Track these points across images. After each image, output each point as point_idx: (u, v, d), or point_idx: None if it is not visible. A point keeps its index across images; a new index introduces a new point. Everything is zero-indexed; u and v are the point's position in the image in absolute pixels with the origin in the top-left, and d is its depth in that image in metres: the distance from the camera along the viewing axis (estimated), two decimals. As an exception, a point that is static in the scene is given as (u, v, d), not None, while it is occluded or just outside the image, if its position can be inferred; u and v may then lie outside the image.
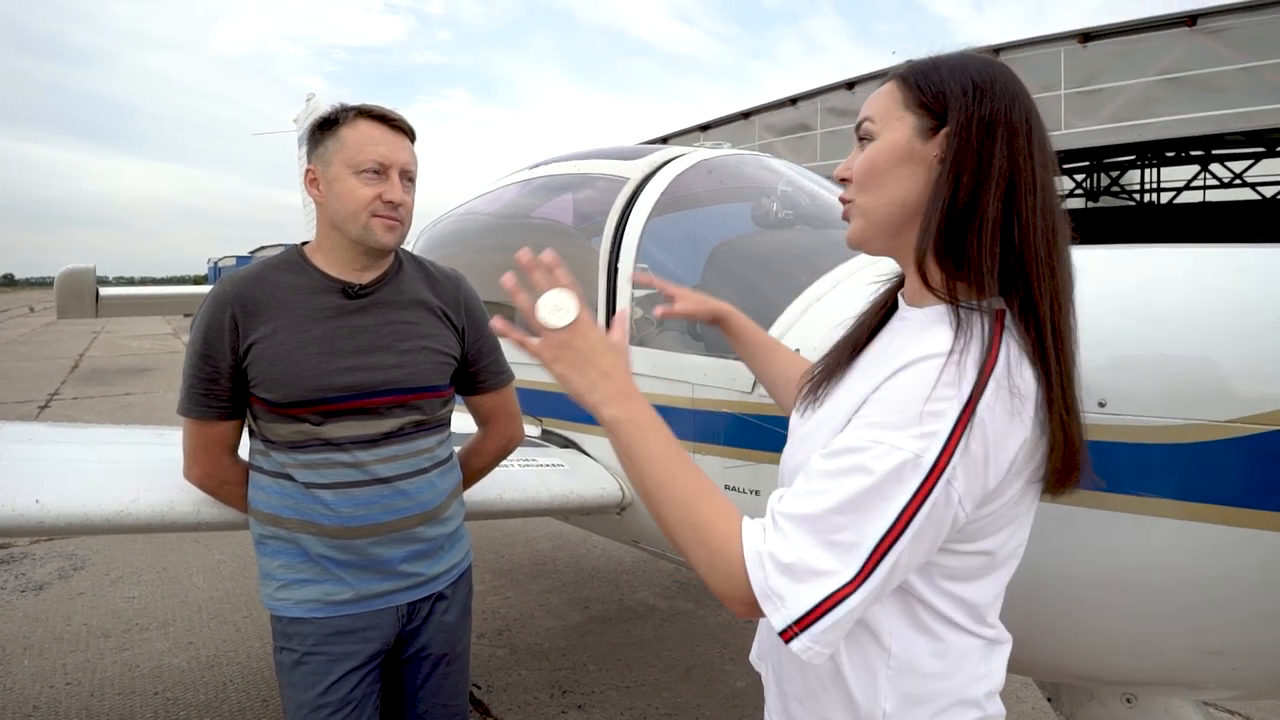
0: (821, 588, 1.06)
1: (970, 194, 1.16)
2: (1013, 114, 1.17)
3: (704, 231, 3.20)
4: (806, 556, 1.07)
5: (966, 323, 1.13)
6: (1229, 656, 1.67)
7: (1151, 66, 15.47)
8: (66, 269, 7.00)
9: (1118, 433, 1.65)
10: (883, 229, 1.26)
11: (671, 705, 3.77)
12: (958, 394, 1.07)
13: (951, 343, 1.11)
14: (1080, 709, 2.10)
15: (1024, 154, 1.16)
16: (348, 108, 1.88)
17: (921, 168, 1.21)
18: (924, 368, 1.10)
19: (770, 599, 1.07)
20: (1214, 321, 1.64)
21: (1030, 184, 1.16)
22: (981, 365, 1.09)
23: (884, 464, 1.07)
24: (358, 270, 1.92)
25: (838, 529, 1.07)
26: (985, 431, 1.08)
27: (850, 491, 1.07)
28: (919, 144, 1.21)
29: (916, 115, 1.22)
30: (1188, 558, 1.62)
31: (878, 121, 1.25)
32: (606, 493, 2.82)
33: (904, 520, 1.06)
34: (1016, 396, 1.10)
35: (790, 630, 1.06)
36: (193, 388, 1.88)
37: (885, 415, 1.10)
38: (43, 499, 2.06)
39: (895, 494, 1.06)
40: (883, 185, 1.24)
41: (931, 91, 1.21)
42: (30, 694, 3.85)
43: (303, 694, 1.89)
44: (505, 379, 2.20)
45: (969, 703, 1.23)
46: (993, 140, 1.16)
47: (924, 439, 1.07)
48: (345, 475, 1.87)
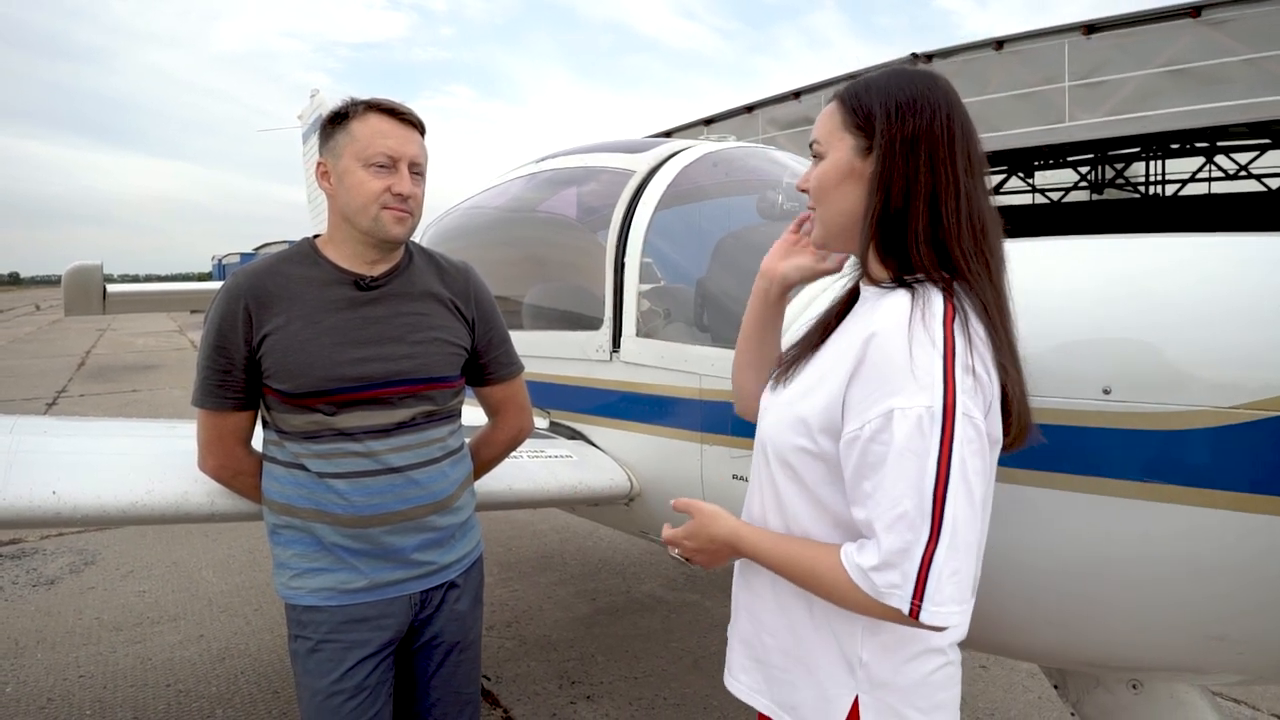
0: (912, 560, 1.20)
1: (900, 204, 1.32)
2: (934, 128, 1.32)
3: (709, 224, 3.22)
4: (885, 544, 1.21)
5: (919, 287, 1.31)
6: (1233, 642, 1.68)
7: (1156, 58, 15.40)
8: (73, 266, 7.01)
9: (1122, 419, 1.66)
10: (837, 234, 1.44)
11: (679, 696, 3.80)
12: (932, 341, 1.22)
13: (910, 304, 1.27)
14: (1086, 696, 2.11)
15: (945, 164, 1.31)
16: (357, 101, 1.90)
17: (861, 182, 1.37)
18: (892, 330, 1.25)
19: (888, 595, 1.22)
20: (1218, 308, 1.65)
21: (953, 190, 1.31)
22: (943, 315, 1.25)
23: (903, 428, 1.20)
24: (369, 263, 1.94)
25: (896, 502, 1.20)
26: (968, 360, 1.23)
27: (889, 467, 1.21)
28: (858, 162, 1.37)
29: (854, 136, 1.38)
30: (1192, 544, 1.63)
31: (824, 142, 1.42)
32: (615, 483, 2.84)
33: (944, 465, 1.19)
34: (976, 337, 1.27)
35: (914, 608, 1.21)
36: (207, 379, 1.90)
37: (879, 386, 1.24)
38: (59, 490, 2.09)
39: (925, 448, 1.19)
40: (831, 200, 1.41)
41: (863, 113, 1.37)
42: (44, 687, 3.88)
43: (317, 681, 1.91)
44: (515, 370, 2.22)
45: (935, 650, 1.38)
46: (916, 156, 1.31)
47: (926, 390, 1.20)
48: (358, 465, 1.89)
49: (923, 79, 1.37)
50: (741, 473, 2.46)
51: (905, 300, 1.28)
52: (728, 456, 2.47)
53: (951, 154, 1.32)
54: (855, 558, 1.26)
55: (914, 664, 1.37)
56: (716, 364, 2.53)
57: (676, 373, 2.68)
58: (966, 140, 1.35)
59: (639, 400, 2.86)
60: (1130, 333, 1.71)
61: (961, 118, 1.35)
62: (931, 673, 1.38)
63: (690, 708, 3.70)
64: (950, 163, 1.32)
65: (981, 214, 1.34)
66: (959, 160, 1.33)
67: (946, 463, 1.19)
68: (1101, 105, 16.18)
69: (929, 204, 1.31)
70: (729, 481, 2.47)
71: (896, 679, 1.37)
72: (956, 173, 1.32)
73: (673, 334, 2.86)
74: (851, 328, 1.40)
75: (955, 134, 1.33)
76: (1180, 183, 26.45)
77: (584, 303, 3.21)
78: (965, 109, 1.38)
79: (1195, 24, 14.98)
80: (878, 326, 1.27)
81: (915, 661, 1.37)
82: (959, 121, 1.35)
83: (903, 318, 1.25)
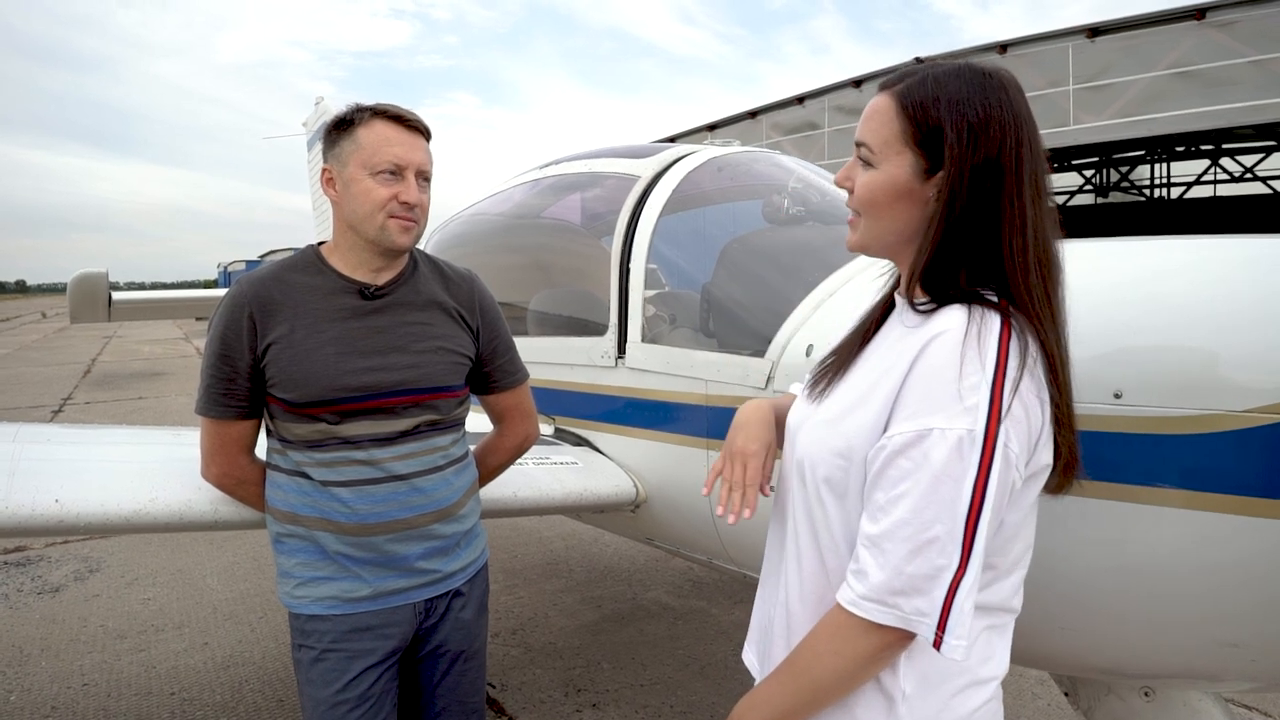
0: (940, 586, 1.14)
1: (960, 235, 1.24)
2: (1003, 154, 1.23)
3: (715, 229, 3.21)
4: (910, 569, 1.15)
5: (975, 305, 1.22)
6: (1247, 648, 1.66)
7: (1160, 60, 15.38)
8: (80, 274, 7.03)
9: (1134, 424, 1.64)
10: (880, 248, 1.37)
11: (686, 703, 3.78)
12: (983, 365, 1.15)
13: (966, 320, 1.19)
14: (1098, 703, 2.09)
15: (1012, 196, 1.23)
16: (363, 108, 1.89)
17: (919, 205, 1.28)
18: (944, 348, 1.18)
19: (916, 623, 1.16)
20: (1229, 311, 1.63)
21: (1019, 225, 1.23)
22: (998, 335, 1.18)
23: (942, 449, 1.14)
24: (374, 271, 1.93)
25: (927, 526, 1.14)
26: (1019, 390, 1.17)
27: (922, 487, 1.15)
28: (916, 185, 1.27)
29: (914, 154, 1.27)
30: (1205, 549, 1.61)
31: (877, 151, 1.30)
32: (621, 490, 2.83)
33: (979, 492, 1.13)
34: (1031, 359, 1.19)
35: (938, 638, 1.15)
36: (211, 388, 1.89)
37: (923, 403, 1.17)
38: (62, 499, 2.08)
39: (963, 472, 1.13)
40: (882, 216, 1.32)
41: (928, 128, 1.25)
42: (48, 695, 3.88)
43: (321, 691, 1.90)
44: (520, 378, 2.21)
45: (980, 683, 1.29)
46: (982, 185, 1.22)
47: (969, 413, 1.14)
48: (362, 473, 1.88)
49: (994, 87, 1.26)
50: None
51: (961, 317, 1.20)
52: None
53: (1019, 184, 1.23)
54: (858, 589, 1.19)
55: (960, 700, 1.27)
56: (723, 369, 2.52)
57: (682, 378, 2.67)
58: (1035, 163, 1.26)
59: (644, 406, 2.84)
60: (1141, 336, 1.69)
61: (1030, 134, 1.26)
62: (976, 709, 1.28)
63: (697, 715, 3.67)
64: (1018, 193, 1.23)
65: (1046, 247, 1.27)
66: (1027, 190, 1.24)
67: (982, 491, 1.13)
68: (1106, 108, 16.16)
69: (992, 238, 1.24)
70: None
71: (939, 716, 1.26)
72: (1024, 203, 1.24)
73: (678, 339, 2.84)
74: (894, 341, 1.31)
75: (1024, 158, 1.24)
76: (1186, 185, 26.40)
77: (589, 308, 3.20)
78: (1033, 117, 1.28)
79: (1200, 26, 14.96)
80: (928, 340, 1.20)
81: (961, 696, 1.27)
82: (1028, 141, 1.25)
83: (957, 334, 1.18)
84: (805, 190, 3.10)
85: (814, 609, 1.34)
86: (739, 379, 2.46)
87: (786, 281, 2.62)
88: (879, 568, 1.17)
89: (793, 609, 1.39)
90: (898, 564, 1.16)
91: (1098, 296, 1.77)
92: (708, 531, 2.66)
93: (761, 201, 3.11)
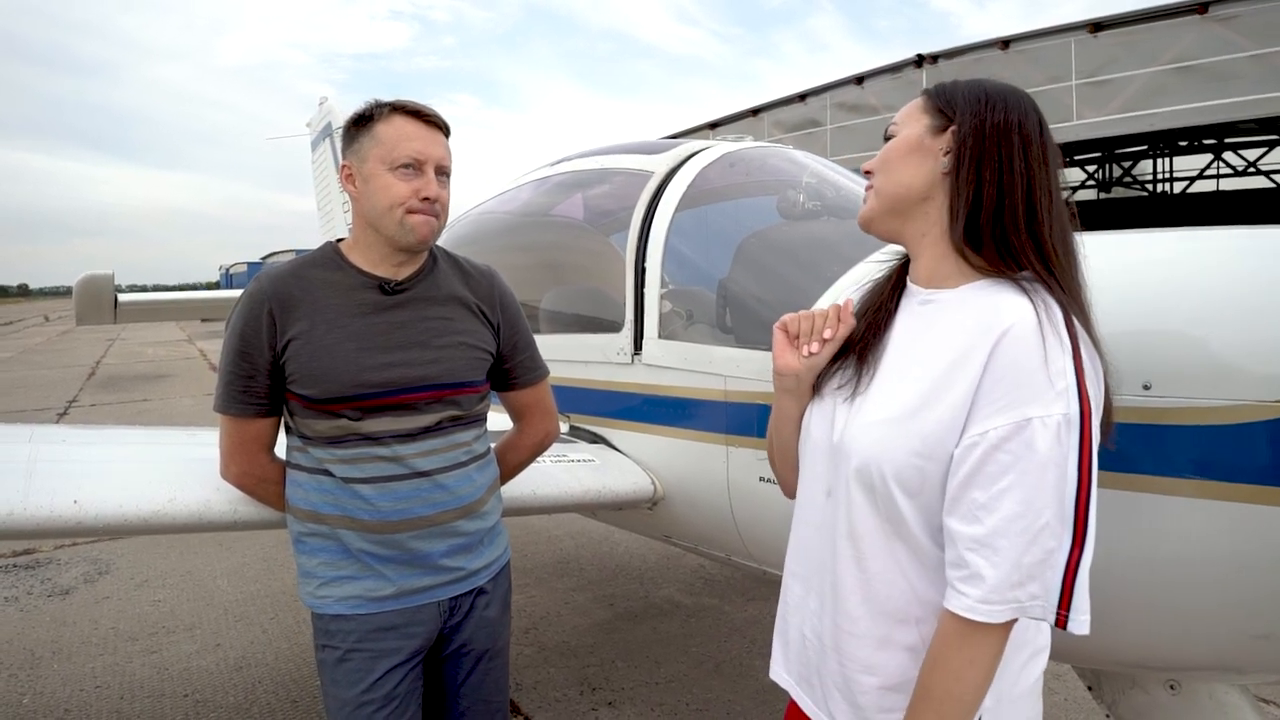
0: (1054, 569, 1.18)
1: (994, 194, 1.29)
2: (1026, 126, 1.31)
3: (731, 225, 3.19)
4: (1027, 559, 1.17)
5: (1032, 288, 1.27)
6: (1277, 640, 1.65)
7: (1162, 55, 15.38)
8: (85, 276, 7.03)
9: (1164, 415, 1.63)
10: (890, 207, 1.40)
11: (701, 701, 3.77)
12: (1061, 345, 1.20)
13: (1033, 305, 1.23)
14: (1122, 697, 2.08)
15: (1039, 161, 1.31)
16: (383, 103, 1.88)
17: (929, 158, 1.35)
18: (1023, 336, 1.21)
19: (1030, 608, 1.19)
20: (1259, 301, 1.63)
21: (1047, 188, 1.31)
22: (1063, 315, 1.23)
23: (1045, 437, 1.17)
24: (394, 266, 1.92)
25: (1038, 514, 1.17)
26: (1093, 368, 1.23)
27: (1030, 478, 1.17)
28: (929, 139, 1.36)
29: (930, 116, 1.38)
30: (1236, 541, 1.60)
31: (900, 124, 1.43)
32: (639, 487, 2.81)
33: (1086, 470, 1.18)
34: (1086, 337, 1.25)
35: (1060, 617, 1.19)
36: (230, 385, 1.88)
37: (1015, 394, 1.19)
38: (80, 500, 2.07)
39: (1064, 455, 1.17)
40: (893, 170, 1.39)
41: (945, 98, 1.37)
42: (60, 698, 3.87)
43: (346, 691, 1.89)
44: (540, 375, 2.20)
45: (1040, 650, 1.37)
46: (1009, 145, 1.30)
47: (1062, 397, 1.17)
48: (384, 469, 1.87)
49: (1012, 89, 1.37)
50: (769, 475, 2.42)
51: (1025, 303, 1.24)
52: (754, 458, 2.44)
53: (1045, 153, 1.32)
54: (974, 594, 1.19)
55: (1027, 669, 1.35)
56: (742, 365, 2.50)
57: (700, 374, 2.65)
58: (1056, 154, 1.35)
59: (661, 403, 2.83)
60: (1170, 326, 1.68)
61: (1046, 125, 1.36)
62: (1037, 679, 1.37)
63: (714, 713, 3.67)
64: (1044, 160, 1.32)
65: (1065, 216, 1.34)
66: (1051, 163, 1.33)
67: (1087, 469, 1.18)
68: (1108, 103, 16.17)
69: (1026, 195, 1.29)
70: (757, 484, 2.44)
71: (1014, 689, 1.32)
72: (1049, 172, 1.32)
73: (696, 335, 2.83)
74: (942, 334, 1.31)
75: (1047, 141, 1.33)
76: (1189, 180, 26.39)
77: (604, 305, 3.19)
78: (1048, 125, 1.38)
79: (1202, 20, 14.95)
80: (1002, 332, 1.22)
81: (1029, 666, 1.35)
82: (1049, 132, 1.35)
83: (1031, 321, 1.21)
84: (820, 185, 3.09)
85: (882, 610, 1.33)
86: (757, 374, 2.44)
87: (804, 277, 2.61)
88: (993, 567, 1.18)
89: (854, 614, 1.36)
90: (1015, 558, 1.17)
91: (1125, 287, 1.76)
92: (727, 528, 2.65)
93: (776, 197, 3.10)
